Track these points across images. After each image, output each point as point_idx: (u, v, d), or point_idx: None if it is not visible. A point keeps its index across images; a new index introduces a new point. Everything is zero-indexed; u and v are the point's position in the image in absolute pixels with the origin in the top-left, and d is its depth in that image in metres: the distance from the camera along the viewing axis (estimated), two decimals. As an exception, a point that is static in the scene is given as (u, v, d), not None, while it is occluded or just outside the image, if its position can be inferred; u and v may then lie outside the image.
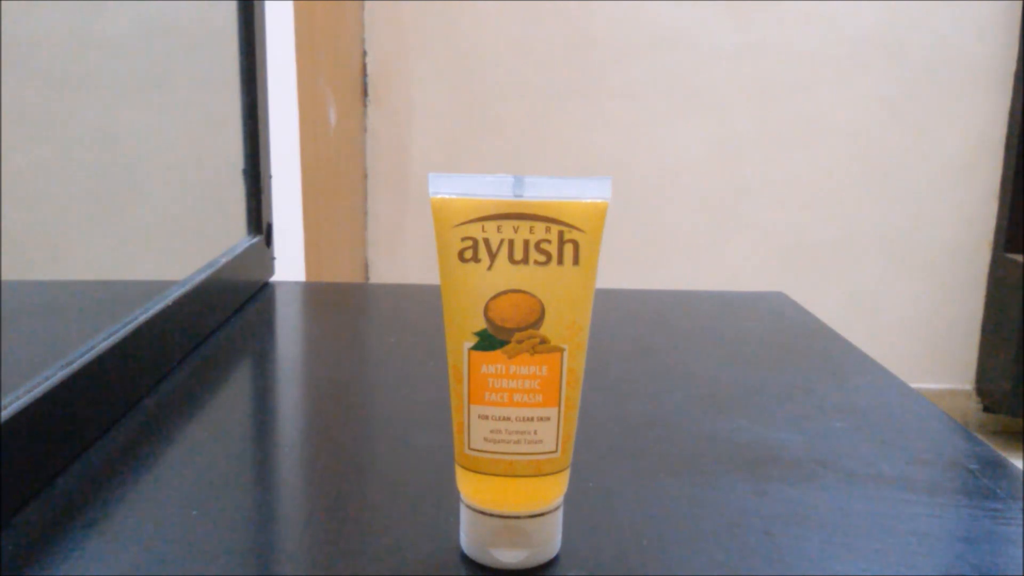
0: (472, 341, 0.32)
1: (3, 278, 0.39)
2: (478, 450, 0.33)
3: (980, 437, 0.50)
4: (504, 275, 0.32)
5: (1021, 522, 0.39)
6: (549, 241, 0.31)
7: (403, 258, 2.06)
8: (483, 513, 0.34)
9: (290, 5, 1.20)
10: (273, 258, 0.80)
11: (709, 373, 0.59)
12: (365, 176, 2.03)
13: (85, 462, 0.43)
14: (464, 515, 0.35)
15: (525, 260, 0.32)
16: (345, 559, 0.35)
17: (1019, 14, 1.94)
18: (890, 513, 0.40)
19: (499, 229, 0.31)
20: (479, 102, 1.99)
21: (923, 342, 2.11)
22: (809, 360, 0.62)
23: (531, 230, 0.31)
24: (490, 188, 0.32)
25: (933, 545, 0.37)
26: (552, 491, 0.34)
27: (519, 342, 0.32)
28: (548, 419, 0.33)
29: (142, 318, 0.51)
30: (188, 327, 0.59)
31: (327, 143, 1.58)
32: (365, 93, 1.98)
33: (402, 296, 0.81)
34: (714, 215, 2.04)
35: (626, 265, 2.04)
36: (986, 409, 2.10)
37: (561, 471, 0.34)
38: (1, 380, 0.38)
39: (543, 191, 0.32)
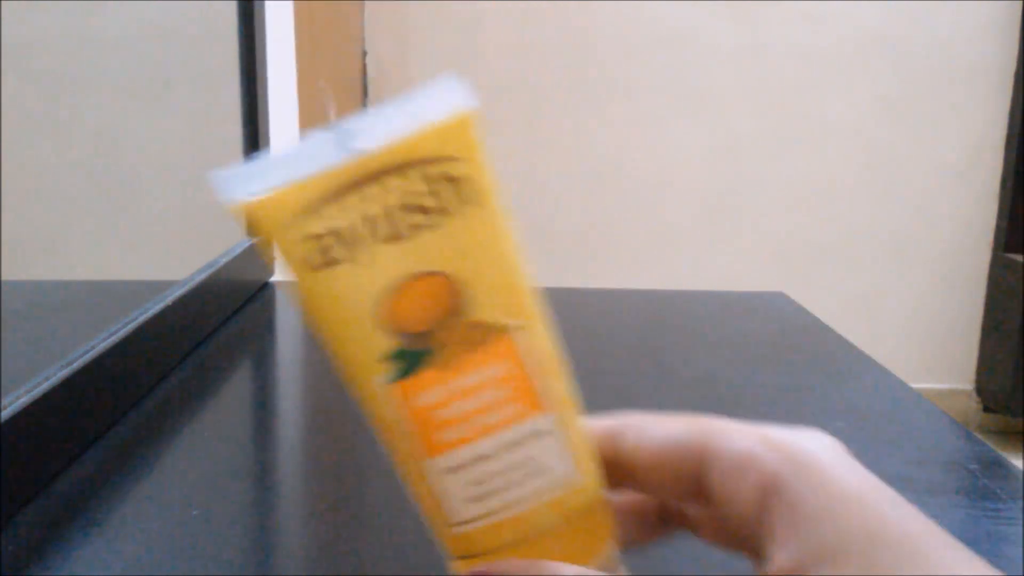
0: (383, 372, 0.22)
1: (3, 278, 0.39)
2: (466, 521, 0.23)
3: (980, 437, 0.50)
4: (381, 264, 0.22)
5: (1021, 522, 0.39)
6: (417, 193, 0.22)
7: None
8: None
9: (290, 5, 1.20)
10: (273, 258, 0.80)
11: (709, 373, 0.59)
12: (365, 176, 2.03)
13: (85, 462, 0.43)
14: None
15: (398, 233, 0.22)
16: (345, 559, 0.35)
17: (1019, 14, 1.94)
18: (890, 513, 0.40)
19: (344, 209, 0.22)
20: (479, 102, 1.99)
21: (923, 342, 2.11)
22: (809, 360, 0.62)
23: (386, 191, 0.22)
24: (307, 159, 0.22)
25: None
26: (596, 535, 0.24)
27: (445, 343, 0.22)
28: (540, 433, 0.23)
29: (142, 318, 0.51)
30: (188, 327, 0.59)
31: (327, 143, 1.58)
32: (365, 93, 1.98)
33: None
34: (714, 215, 2.03)
35: (626, 265, 2.04)
36: (986, 409, 2.10)
37: (597, 503, 0.24)
38: (1, 380, 0.38)
39: (378, 134, 0.22)
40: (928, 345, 2.11)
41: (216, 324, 0.65)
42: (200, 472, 0.43)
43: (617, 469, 0.24)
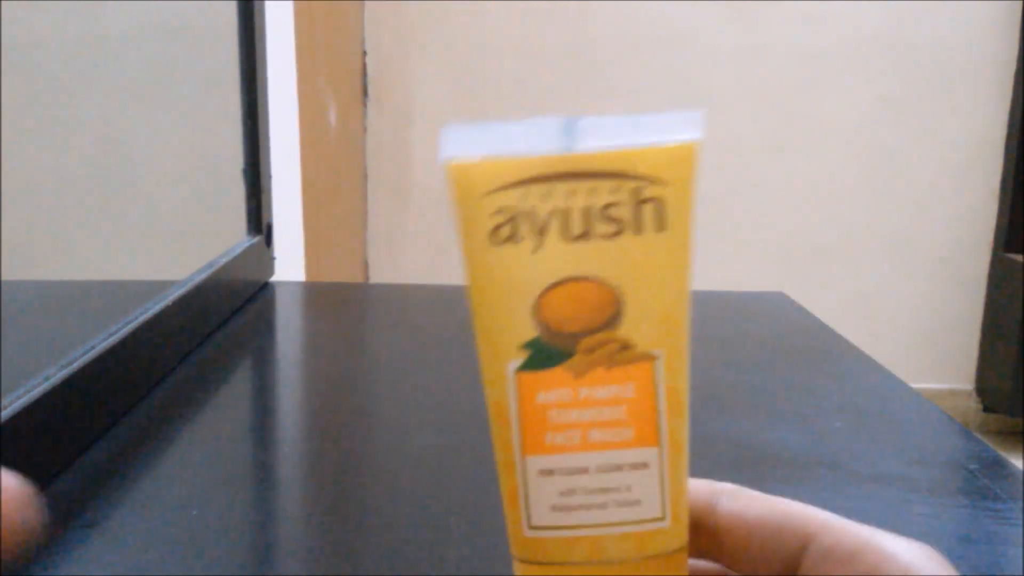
0: (519, 358, 0.23)
1: (3, 278, 0.39)
2: (545, 527, 0.23)
3: (980, 437, 0.50)
4: (559, 258, 0.22)
5: (1021, 522, 0.39)
6: (619, 204, 0.22)
7: (403, 258, 2.06)
8: None
9: (290, 5, 1.20)
10: (273, 258, 0.80)
11: (709, 373, 0.59)
12: (365, 176, 2.03)
13: (85, 462, 0.43)
14: None
15: (587, 234, 0.22)
16: (345, 559, 0.35)
17: (1019, 14, 1.94)
18: (890, 513, 0.40)
19: (547, 195, 0.22)
20: (479, 102, 1.99)
21: (923, 342, 2.11)
22: (809, 360, 0.62)
23: (592, 193, 0.22)
24: (529, 139, 0.23)
25: (933, 545, 0.37)
26: None
27: (589, 351, 0.22)
28: (645, 466, 0.23)
29: (142, 318, 0.51)
30: (188, 327, 0.59)
31: (327, 143, 1.58)
32: (365, 93, 1.98)
33: (402, 296, 0.81)
34: (714, 215, 2.04)
35: (626, 265, 2.04)
36: (986, 409, 2.10)
37: (677, 552, 0.23)
38: (1, 380, 0.38)
39: (604, 137, 0.22)
40: (928, 345, 2.11)
41: (216, 324, 0.65)
42: (200, 472, 0.43)
43: (705, 533, 0.24)
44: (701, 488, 0.24)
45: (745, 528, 0.23)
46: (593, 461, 0.22)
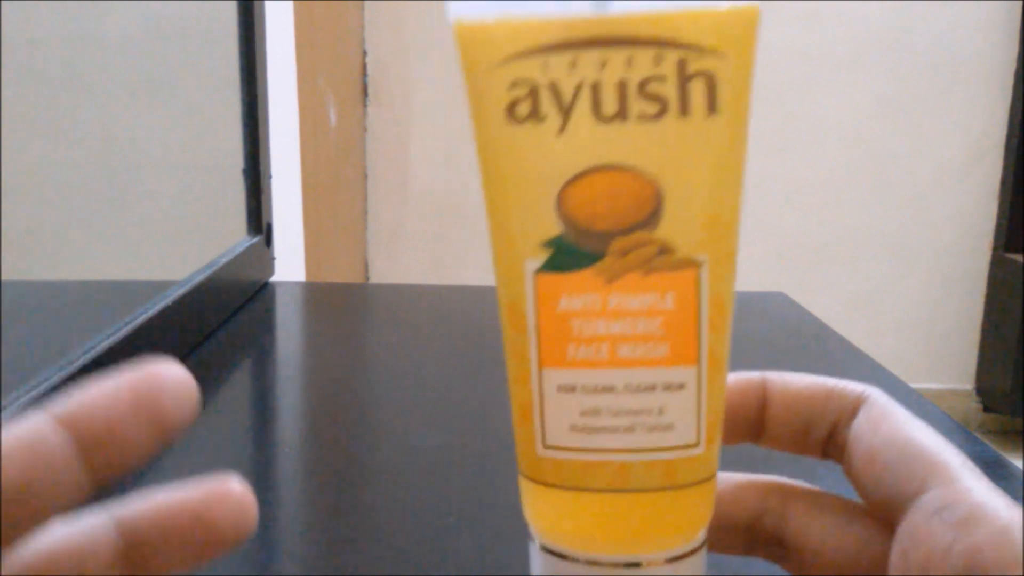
0: (540, 257, 0.19)
1: (3, 278, 0.39)
2: (562, 448, 0.20)
3: (980, 437, 0.50)
4: (588, 141, 0.19)
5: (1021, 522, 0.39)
6: (663, 78, 0.18)
7: (403, 258, 2.06)
8: (576, 561, 0.20)
9: (290, 5, 1.20)
10: (273, 258, 0.80)
11: (709, 373, 0.59)
12: (365, 176, 2.03)
13: (85, 462, 0.43)
14: (539, 570, 0.21)
15: (622, 114, 0.18)
16: (345, 559, 0.35)
17: (1019, 14, 1.94)
18: (890, 513, 0.40)
19: (574, 65, 0.18)
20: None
21: (923, 342, 2.11)
22: (809, 360, 0.62)
23: (629, 64, 0.18)
24: (554, 2, 0.19)
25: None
26: (696, 515, 0.21)
27: (622, 253, 0.19)
28: (681, 387, 0.19)
29: (142, 318, 0.51)
30: (188, 327, 0.59)
31: (327, 143, 1.58)
32: (365, 93, 1.98)
33: (402, 296, 0.81)
34: (714, 215, 2.04)
35: (626, 265, 2.04)
36: (986, 409, 2.10)
37: (707, 481, 0.20)
38: (1, 380, 0.38)
39: None
40: (928, 345, 2.11)
41: (216, 324, 0.65)
42: (200, 472, 0.43)
43: (753, 420, 0.23)
44: (748, 377, 0.23)
45: (868, 451, 0.21)
46: (622, 379, 0.19)
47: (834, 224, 2.05)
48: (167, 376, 0.17)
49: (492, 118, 0.19)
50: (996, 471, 0.44)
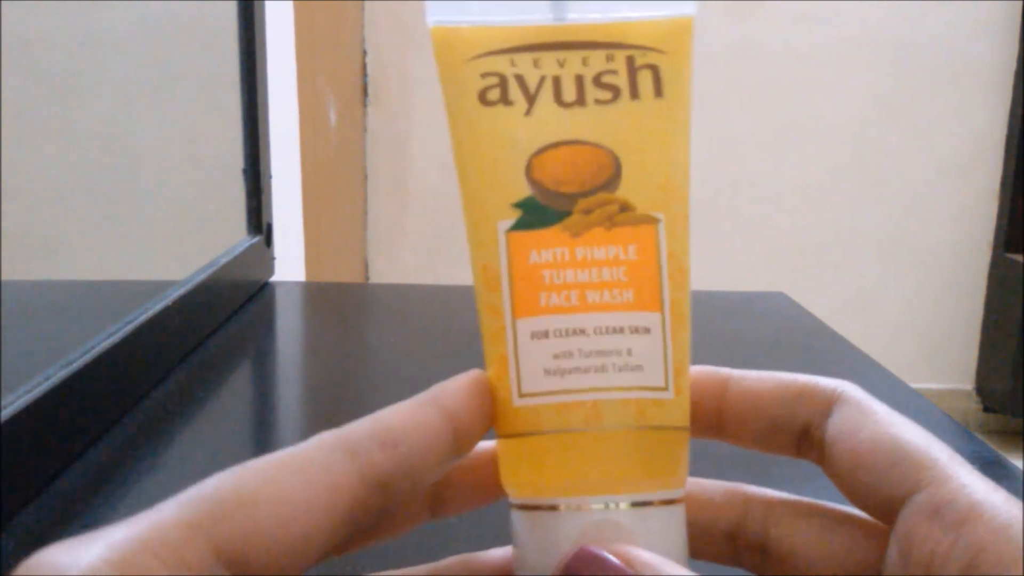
0: (511, 218, 0.21)
1: (3, 278, 0.39)
2: (538, 393, 0.21)
3: (980, 437, 0.50)
4: (552, 121, 0.21)
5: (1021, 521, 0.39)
6: (615, 72, 0.21)
7: (403, 258, 2.06)
8: (552, 509, 0.20)
9: (290, 5, 1.20)
10: (273, 258, 0.80)
11: (709, 373, 0.59)
12: (365, 176, 2.03)
13: (85, 462, 0.43)
14: (520, 532, 0.21)
15: (580, 100, 0.21)
16: (345, 558, 0.35)
17: (1019, 14, 1.94)
18: (890, 513, 0.40)
19: (537, 63, 0.21)
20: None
21: (923, 342, 2.11)
22: (809, 360, 0.62)
23: (585, 62, 0.21)
24: (517, 10, 0.22)
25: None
26: (670, 458, 0.21)
27: (587, 211, 0.21)
28: (647, 331, 0.21)
29: (142, 318, 0.51)
30: (188, 327, 0.59)
31: (327, 143, 1.58)
32: (365, 93, 1.98)
33: (402, 296, 0.81)
34: (714, 215, 2.04)
35: (626, 265, 2.04)
36: (986, 409, 2.10)
37: (679, 429, 0.21)
38: (1, 380, 0.38)
39: (596, 11, 0.22)
40: (928, 345, 2.11)
41: (216, 324, 0.65)
42: (200, 472, 0.43)
43: (710, 410, 0.23)
44: (709, 370, 0.23)
45: (852, 453, 0.21)
46: (591, 322, 0.21)
47: (834, 224, 2.05)
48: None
49: (466, 102, 0.22)
50: (996, 471, 0.44)
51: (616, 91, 0.21)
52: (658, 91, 0.22)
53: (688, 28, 0.22)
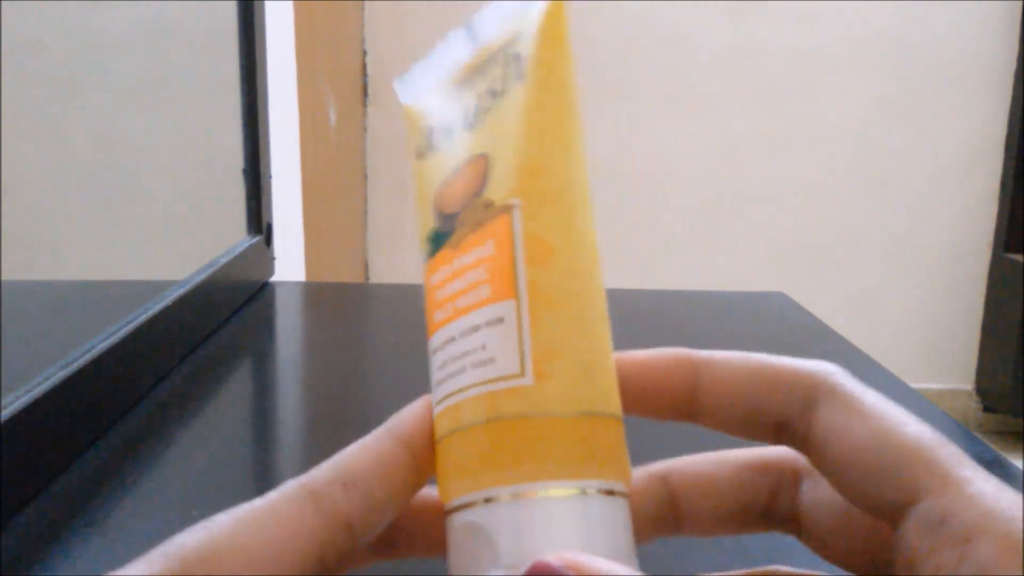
0: (423, 251, 0.23)
1: (3, 278, 0.39)
2: (436, 404, 0.21)
3: (980, 437, 0.50)
4: (459, 149, 0.22)
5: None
6: (496, 76, 0.22)
7: (403, 258, 2.06)
8: (453, 511, 0.20)
9: (290, 5, 1.20)
10: (273, 258, 0.80)
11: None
12: (365, 176, 2.03)
13: (85, 462, 0.43)
14: (446, 535, 0.21)
15: (479, 115, 0.22)
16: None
17: (1019, 14, 1.94)
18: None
19: (456, 100, 0.23)
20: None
21: (923, 342, 2.11)
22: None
23: (485, 79, 0.22)
24: (445, 58, 0.24)
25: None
26: (554, 447, 0.19)
27: (462, 223, 0.21)
28: (500, 321, 0.20)
29: (142, 318, 0.51)
30: (188, 327, 0.59)
31: (327, 143, 1.58)
32: (365, 93, 1.98)
33: (402, 296, 0.81)
34: (714, 215, 2.04)
35: (626, 265, 2.04)
36: (986, 409, 2.10)
37: (545, 415, 0.20)
38: (1, 380, 0.38)
39: (492, 24, 0.23)
40: (928, 345, 2.11)
41: (216, 324, 0.65)
42: (200, 472, 0.43)
43: (681, 396, 0.22)
44: (678, 353, 0.22)
45: (846, 458, 0.19)
46: (458, 328, 0.21)
47: (834, 224, 2.05)
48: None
49: (411, 161, 0.24)
50: (996, 471, 0.44)
51: (496, 94, 0.22)
52: (519, 75, 0.22)
53: (548, 12, 0.22)
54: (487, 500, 0.19)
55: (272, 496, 0.19)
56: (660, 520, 0.23)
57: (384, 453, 0.20)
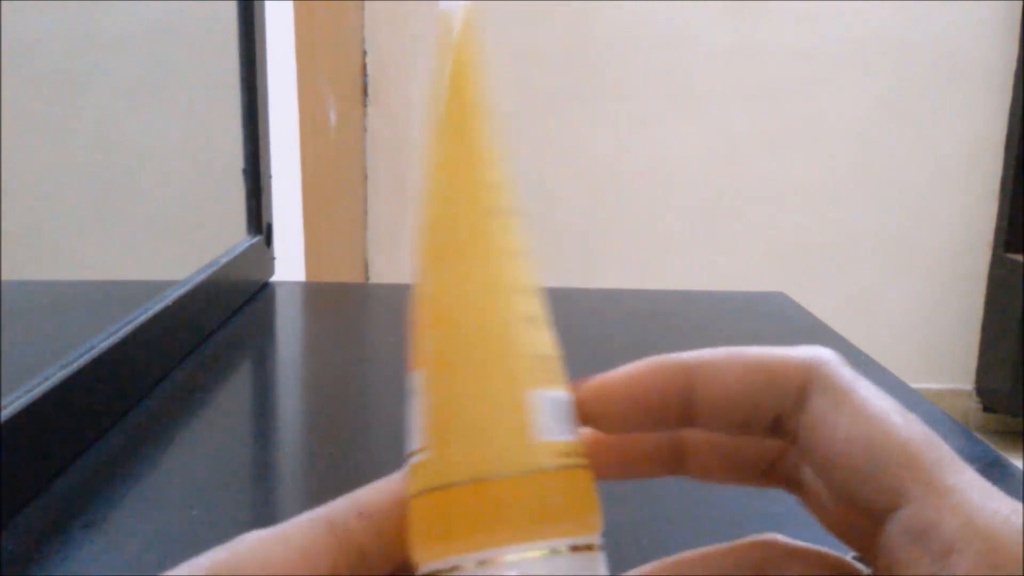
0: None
1: (3, 278, 0.39)
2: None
3: (980, 437, 0.50)
4: None
5: (1021, 521, 0.39)
6: None
7: (403, 258, 2.06)
8: None
9: (290, 5, 1.20)
10: (273, 258, 0.80)
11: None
12: (365, 176, 2.03)
13: (85, 462, 0.43)
14: None
15: None
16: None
17: (1019, 14, 1.94)
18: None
19: None
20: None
21: (923, 342, 2.11)
22: (809, 360, 0.62)
23: None
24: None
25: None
26: (464, 516, 0.19)
27: None
28: (413, 391, 0.20)
29: (142, 318, 0.51)
30: (188, 327, 0.59)
31: (327, 143, 1.58)
32: (365, 93, 1.98)
33: (402, 296, 0.81)
34: (714, 215, 2.04)
35: (626, 265, 2.04)
36: (986, 409, 2.10)
37: (460, 485, 0.19)
38: (1, 380, 0.38)
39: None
40: (928, 345, 2.11)
41: (216, 324, 0.65)
42: (200, 472, 0.43)
43: (676, 407, 0.21)
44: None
45: (831, 457, 0.19)
46: (408, 384, 0.21)
47: (834, 224, 2.05)
48: None
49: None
50: (996, 471, 0.44)
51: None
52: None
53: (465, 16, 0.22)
54: (453, 568, 0.18)
55: (295, 520, 0.20)
56: (675, 420, 0.21)
57: (397, 491, 0.20)
